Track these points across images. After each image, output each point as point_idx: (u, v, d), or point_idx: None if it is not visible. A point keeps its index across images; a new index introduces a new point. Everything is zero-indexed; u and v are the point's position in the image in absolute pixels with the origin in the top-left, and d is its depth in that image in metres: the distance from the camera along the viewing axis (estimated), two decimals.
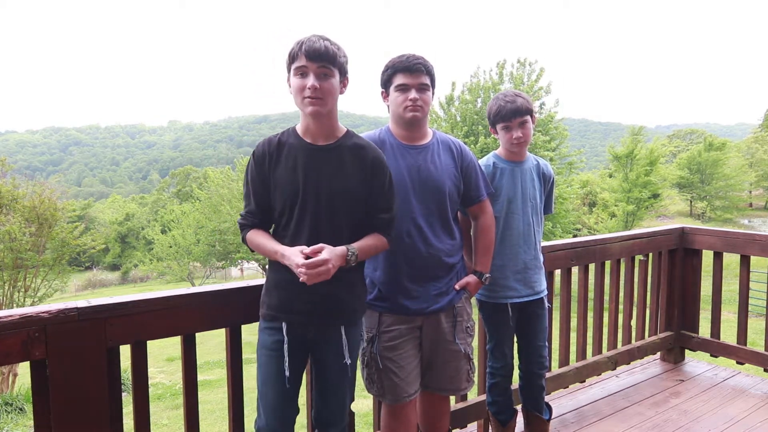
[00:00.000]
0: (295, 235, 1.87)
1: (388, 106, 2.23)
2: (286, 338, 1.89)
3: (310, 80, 1.80)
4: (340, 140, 1.92)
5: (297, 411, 1.98)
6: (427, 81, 2.15)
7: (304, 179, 1.86)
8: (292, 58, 1.84)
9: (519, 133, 2.47)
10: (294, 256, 1.75)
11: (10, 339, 1.60)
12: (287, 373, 1.88)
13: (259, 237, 1.93)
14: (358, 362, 2.30)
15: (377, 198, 1.93)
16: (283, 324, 1.90)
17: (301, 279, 1.73)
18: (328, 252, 1.75)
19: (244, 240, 1.99)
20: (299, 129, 1.94)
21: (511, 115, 2.45)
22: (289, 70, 1.88)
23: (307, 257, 1.74)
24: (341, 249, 1.81)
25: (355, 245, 1.85)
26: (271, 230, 2.00)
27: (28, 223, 14.70)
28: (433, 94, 2.22)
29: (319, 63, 1.80)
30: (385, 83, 2.20)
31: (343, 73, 1.89)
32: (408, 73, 2.13)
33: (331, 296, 1.88)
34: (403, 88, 2.14)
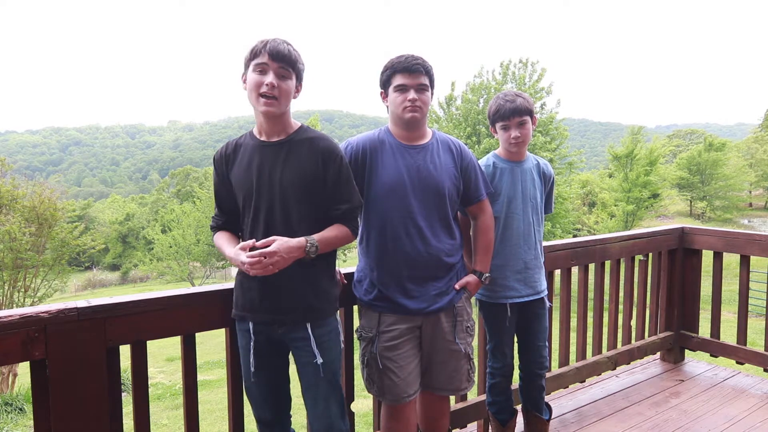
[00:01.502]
0: (252, 232, 1.91)
1: (387, 107, 2.23)
2: (252, 338, 1.93)
3: (269, 77, 1.83)
4: (292, 135, 1.94)
5: (286, 400, 2.03)
6: (426, 81, 2.15)
7: (257, 175, 1.89)
8: (254, 54, 1.86)
9: (517, 133, 2.47)
10: (238, 255, 1.78)
11: (9, 339, 1.60)
12: (252, 369, 1.93)
13: (219, 239, 2.00)
14: (358, 362, 2.30)
15: (333, 188, 1.93)
16: (250, 324, 1.93)
17: (250, 273, 1.76)
18: (278, 244, 1.77)
19: (213, 241, 2.07)
20: (255, 129, 1.98)
21: (510, 114, 2.46)
22: (246, 67, 1.89)
23: (256, 248, 1.77)
24: (298, 240, 1.81)
25: (316, 236, 1.86)
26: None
27: (28, 223, 14.71)
28: (432, 95, 2.22)
29: (280, 63, 1.84)
30: (384, 84, 2.20)
31: (299, 80, 1.94)
32: (407, 74, 2.13)
33: (294, 293, 1.89)
34: (402, 89, 2.14)
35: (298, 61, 1.89)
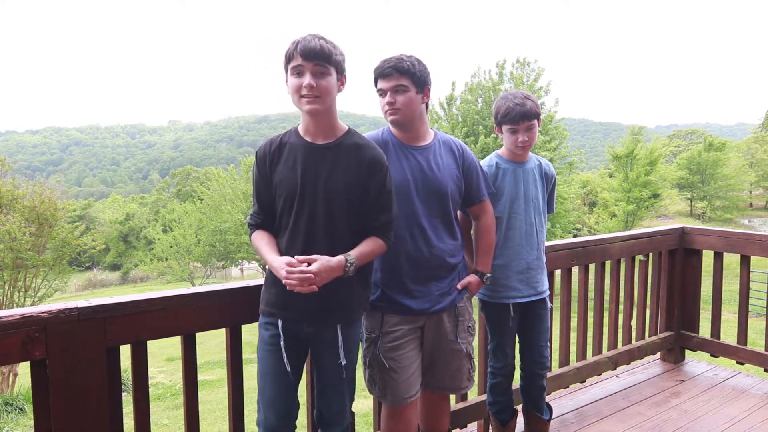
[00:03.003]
0: (292, 234, 1.88)
1: None
2: (281, 335, 1.90)
3: (307, 79, 1.81)
4: (340, 139, 1.92)
5: (296, 407, 1.98)
6: (404, 81, 2.12)
7: (302, 177, 1.86)
8: (288, 58, 1.85)
9: (525, 137, 2.46)
10: (280, 269, 1.78)
11: (10, 339, 1.60)
12: (288, 368, 1.88)
13: (259, 240, 1.95)
14: (360, 362, 2.30)
15: (376, 198, 1.91)
16: (279, 321, 1.90)
17: (288, 288, 1.75)
18: (319, 266, 1.75)
19: (251, 239, 2.02)
20: (300, 128, 1.95)
21: (519, 118, 2.44)
22: (286, 71, 1.89)
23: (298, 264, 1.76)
24: (337, 260, 1.79)
25: (353, 253, 1.84)
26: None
27: (28, 223, 14.72)
28: (420, 91, 2.16)
29: (315, 61, 1.81)
30: (376, 89, 2.22)
31: (340, 71, 1.90)
32: (382, 78, 2.15)
33: (327, 295, 1.87)
34: (381, 93, 2.17)
35: (334, 54, 1.83)
